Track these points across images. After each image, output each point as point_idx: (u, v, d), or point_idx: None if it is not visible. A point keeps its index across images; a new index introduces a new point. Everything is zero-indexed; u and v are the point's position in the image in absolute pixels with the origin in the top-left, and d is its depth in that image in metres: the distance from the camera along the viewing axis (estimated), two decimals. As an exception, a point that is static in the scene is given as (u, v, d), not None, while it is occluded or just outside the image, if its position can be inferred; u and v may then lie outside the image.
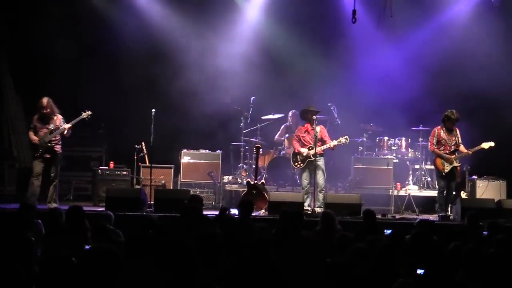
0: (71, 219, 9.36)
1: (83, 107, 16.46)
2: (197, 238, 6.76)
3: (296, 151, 15.61)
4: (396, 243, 8.03)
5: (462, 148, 15.05)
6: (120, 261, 5.65)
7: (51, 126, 14.62)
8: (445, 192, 15.12)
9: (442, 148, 15.02)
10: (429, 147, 15.54)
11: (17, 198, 14.42)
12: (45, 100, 14.63)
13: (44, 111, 14.60)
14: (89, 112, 15.00)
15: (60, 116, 14.78)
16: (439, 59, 17.79)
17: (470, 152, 15.07)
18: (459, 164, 15.14)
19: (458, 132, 15.10)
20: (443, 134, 15.02)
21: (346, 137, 15.31)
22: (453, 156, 14.96)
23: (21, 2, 17.59)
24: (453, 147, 15.00)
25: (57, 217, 9.84)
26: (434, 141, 15.12)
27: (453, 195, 15.46)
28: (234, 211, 11.52)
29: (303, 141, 15.57)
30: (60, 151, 14.82)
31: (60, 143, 14.80)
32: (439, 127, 15.08)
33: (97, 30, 17.91)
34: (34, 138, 14.58)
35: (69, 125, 14.69)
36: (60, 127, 14.63)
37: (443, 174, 15.01)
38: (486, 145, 15.04)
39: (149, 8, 18.46)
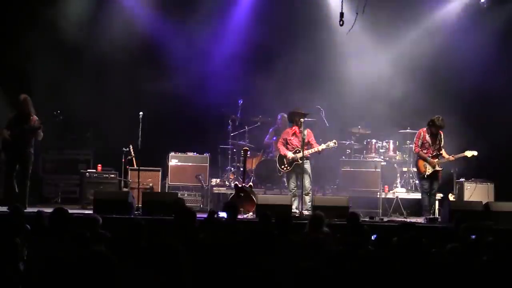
0: (55, 221, 9.30)
1: (70, 109, 16.49)
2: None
3: (282, 154, 15.62)
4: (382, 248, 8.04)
5: (444, 153, 15.24)
6: (114, 265, 5.64)
7: (26, 126, 14.55)
8: (428, 193, 15.35)
9: (425, 151, 15.26)
10: (413, 148, 15.75)
11: (4, 202, 14.34)
12: (22, 97, 14.57)
13: (20, 108, 14.52)
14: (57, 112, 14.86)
15: (35, 117, 14.68)
16: (427, 61, 17.81)
17: (452, 159, 15.28)
18: (441, 169, 15.30)
19: (442, 137, 15.25)
20: (428, 137, 15.20)
21: (334, 141, 15.34)
22: (435, 160, 15.13)
23: (4, 7, 17.52)
24: (436, 151, 15.17)
25: (40, 219, 9.81)
26: (419, 143, 15.30)
27: (434, 197, 15.63)
28: (223, 214, 11.50)
29: (290, 144, 15.58)
30: (32, 152, 14.72)
31: (32, 144, 14.70)
32: (425, 129, 15.24)
33: (84, 32, 17.85)
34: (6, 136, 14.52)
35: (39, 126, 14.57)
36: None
37: (425, 176, 15.25)
38: (469, 153, 15.27)
39: (135, 10, 18.41)
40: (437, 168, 15.20)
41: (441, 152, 15.24)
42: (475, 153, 15.27)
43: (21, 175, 14.60)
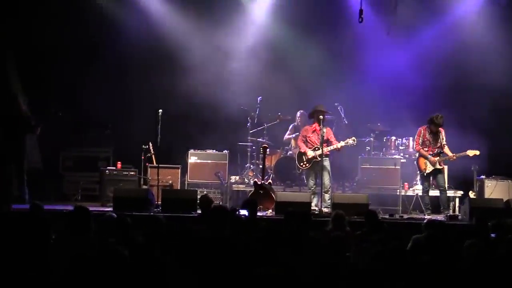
0: (76, 219, 9.31)
1: (90, 107, 16.58)
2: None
3: (302, 151, 15.62)
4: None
5: (446, 150, 15.33)
6: (127, 263, 5.64)
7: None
8: (429, 191, 15.59)
9: (426, 149, 15.36)
10: (414, 146, 15.95)
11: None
12: None
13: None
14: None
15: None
16: (447, 58, 17.76)
17: (454, 158, 15.31)
18: (442, 167, 15.40)
19: (443, 134, 15.35)
20: (428, 135, 15.32)
21: (353, 138, 15.33)
22: (436, 158, 15.20)
23: (26, 4, 17.56)
24: (436, 149, 15.24)
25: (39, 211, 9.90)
26: (420, 140, 15.43)
27: (446, 194, 15.67)
28: (244, 212, 11.48)
29: (309, 141, 15.57)
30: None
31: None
32: (425, 127, 15.35)
33: (104, 30, 17.91)
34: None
35: None
36: None
37: (424, 174, 15.38)
38: (471, 152, 15.28)
39: (156, 8, 18.45)
40: (438, 166, 15.28)
41: (443, 150, 15.25)
42: (477, 152, 15.22)
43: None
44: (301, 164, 15.65)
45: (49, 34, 17.28)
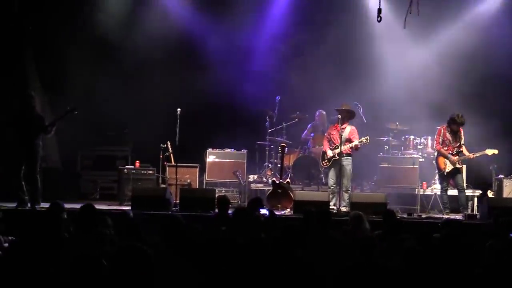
0: (82, 217, 9.33)
1: (108, 106, 16.63)
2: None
3: (324, 150, 15.64)
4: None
5: (465, 150, 15.29)
6: (151, 261, 5.64)
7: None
8: (447, 190, 15.53)
9: (445, 148, 15.31)
10: (434, 145, 15.88)
11: (44, 198, 14.43)
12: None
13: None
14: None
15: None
16: (466, 57, 17.61)
17: (472, 157, 15.32)
18: (461, 166, 15.42)
19: (462, 134, 15.26)
20: (448, 134, 15.26)
21: (367, 137, 15.31)
22: (456, 158, 15.14)
23: (45, 3, 17.63)
24: (456, 148, 15.17)
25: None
26: (440, 140, 15.38)
27: (464, 193, 15.60)
28: (264, 211, 11.48)
29: (332, 139, 15.57)
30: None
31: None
32: (445, 126, 15.33)
33: (121, 29, 17.94)
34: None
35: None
36: None
37: (444, 173, 15.32)
38: (489, 151, 15.28)
39: (173, 7, 18.48)
40: (457, 165, 15.26)
41: (461, 149, 15.22)
42: (495, 151, 15.22)
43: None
44: (323, 162, 15.70)
45: (66, 33, 17.36)
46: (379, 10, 14.88)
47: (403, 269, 6.97)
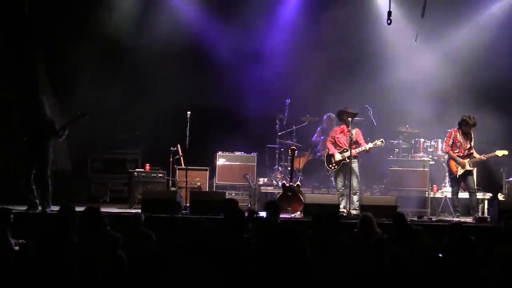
0: (87, 220, 9.30)
1: (118, 110, 16.65)
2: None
3: (330, 153, 15.61)
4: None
5: (475, 153, 15.16)
6: (164, 264, 5.66)
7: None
8: (458, 193, 15.46)
9: (456, 151, 15.26)
10: (444, 147, 15.85)
11: (55, 201, 14.46)
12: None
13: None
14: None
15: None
16: (476, 59, 17.58)
17: (484, 158, 15.25)
18: (472, 168, 15.30)
19: (472, 136, 15.23)
20: (459, 136, 15.20)
21: (381, 140, 15.31)
22: (466, 160, 15.09)
23: (54, 6, 17.66)
24: (466, 151, 15.14)
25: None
26: (450, 142, 15.31)
27: (475, 196, 15.49)
28: (263, 214, 11.46)
29: (338, 142, 15.55)
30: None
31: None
32: (456, 129, 15.26)
33: (131, 32, 17.98)
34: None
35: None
36: None
37: (456, 176, 15.24)
38: (500, 152, 15.21)
39: (182, 8, 18.49)
40: (468, 168, 15.15)
41: (472, 151, 15.16)
42: (505, 152, 15.16)
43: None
44: (330, 165, 15.65)
45: (77, 35, 17.40)
46: (389, 13, 14.91)
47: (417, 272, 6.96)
